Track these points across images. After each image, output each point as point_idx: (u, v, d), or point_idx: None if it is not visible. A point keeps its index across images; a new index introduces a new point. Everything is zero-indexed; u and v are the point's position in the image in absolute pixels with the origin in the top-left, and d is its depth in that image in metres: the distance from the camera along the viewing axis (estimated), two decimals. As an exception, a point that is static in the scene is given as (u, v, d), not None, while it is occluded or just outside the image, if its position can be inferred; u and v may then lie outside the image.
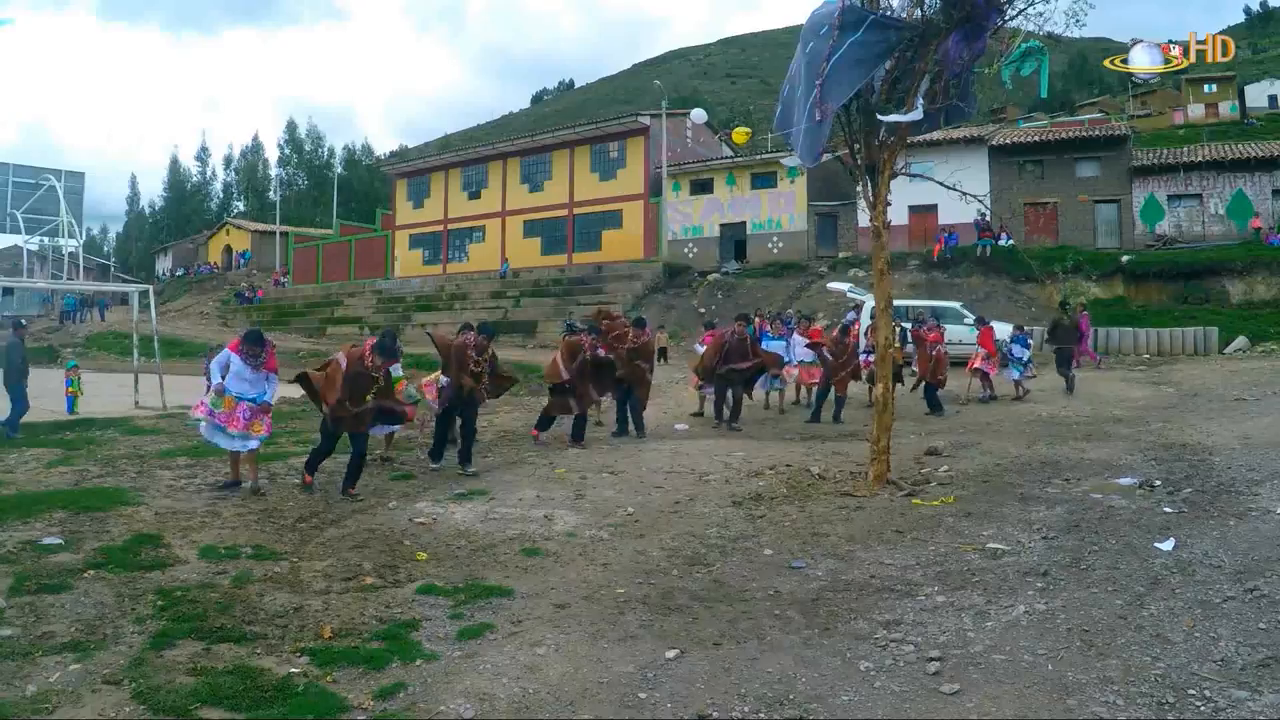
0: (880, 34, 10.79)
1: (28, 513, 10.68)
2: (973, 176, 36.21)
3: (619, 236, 55.98)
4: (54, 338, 58.72)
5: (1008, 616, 6.67)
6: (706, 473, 13.10)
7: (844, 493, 11.36)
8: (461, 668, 6.17)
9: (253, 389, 12.25)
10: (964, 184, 13.00)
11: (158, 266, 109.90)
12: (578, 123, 67.16)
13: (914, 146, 19.48)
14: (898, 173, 12.19)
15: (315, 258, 74.61)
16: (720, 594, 7.61)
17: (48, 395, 24.30)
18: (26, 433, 17.71)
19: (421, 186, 68.32)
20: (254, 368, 12.20)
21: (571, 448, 15.22)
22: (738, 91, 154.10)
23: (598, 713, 5.45)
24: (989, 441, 14.82)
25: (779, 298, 43.07)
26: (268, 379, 12.47)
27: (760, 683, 5.73)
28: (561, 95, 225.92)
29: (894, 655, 6.05)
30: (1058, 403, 20.54)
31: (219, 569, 8.63)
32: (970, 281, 40.38)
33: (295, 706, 5.56)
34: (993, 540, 8.79)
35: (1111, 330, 34.84)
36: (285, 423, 18.81)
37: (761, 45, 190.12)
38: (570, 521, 10.44)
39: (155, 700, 5.67)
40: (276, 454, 14.75)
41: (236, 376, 12.15)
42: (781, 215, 50.75)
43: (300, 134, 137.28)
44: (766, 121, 68.99)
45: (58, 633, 6.88)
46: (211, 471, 13.45)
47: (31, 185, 33.34)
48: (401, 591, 7.94)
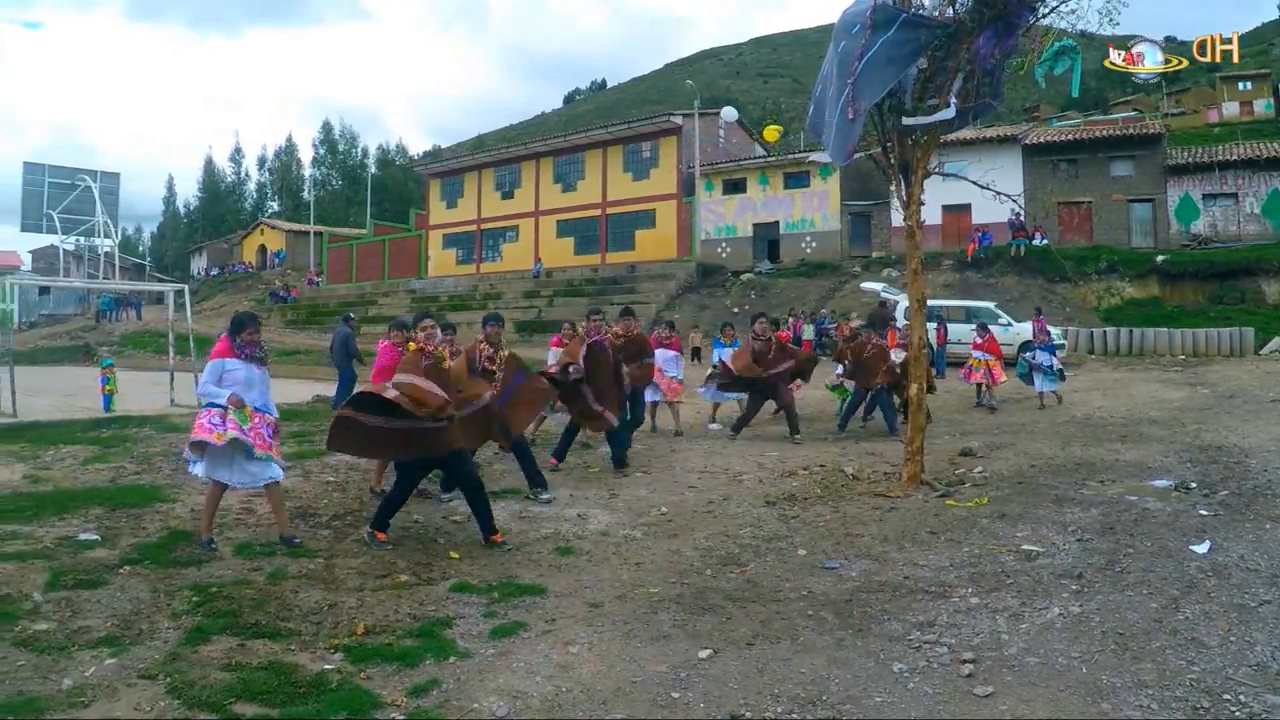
0: (912, 32, 10.75)
1: (64, 509, 10.79)
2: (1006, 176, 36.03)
3: (652, 236, 56.06)
4: (90, 336, 59.10)
5: (1042, 619, 6.64)
6: (740, 473, 13.10)
7: (878, 493, 11.33)
8: (495, 666, 6.18)
9: (260, 396, 9.48)
10: (997, 183, 12.94)
11: (193, 266, 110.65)
12: (610, 122, 67.26)
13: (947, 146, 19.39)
14: (931, 172, 12.16)
15: (349, 257, 75.00)
16: (754, 594, 7.60)
17: (84, 393, 24.54)
18: (62, 430, 17.85)
19: (455, 186, 68.57)
20: (260, 364, 9.59)
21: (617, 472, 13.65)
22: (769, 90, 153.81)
23: (630, 712, 5.45)
24: (1023, 442, 14.76)
25: (812, 298, 43.04)
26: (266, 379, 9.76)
27: (793, 683, 5.73)
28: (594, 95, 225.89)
29: (927, 657, 6.03)
30: (1093, 403, 20.42)
31: (254, 566, 8.68)
32: (1004, 282, 40.21)
33: (329, 703, 5.58)
34: (1027, 542, 8.75)
35: (1146, 331, 34.59)
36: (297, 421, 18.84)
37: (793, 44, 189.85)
38: (604, 520, 10.47)
39: (190, 695, 5.71)
40: (311, 451, 14.79)
41: (240, 387, 9.29)
42: (814, 215, 50.69)
43: (335, 134, 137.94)
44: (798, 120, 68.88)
45: (94, 628, 6.93)
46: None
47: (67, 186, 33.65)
48: (435, 589, 7.96)
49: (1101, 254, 41.16)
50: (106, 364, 23.48)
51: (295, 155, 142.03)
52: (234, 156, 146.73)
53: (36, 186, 33.26)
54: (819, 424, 18.16)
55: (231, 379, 9.27)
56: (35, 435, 17.31)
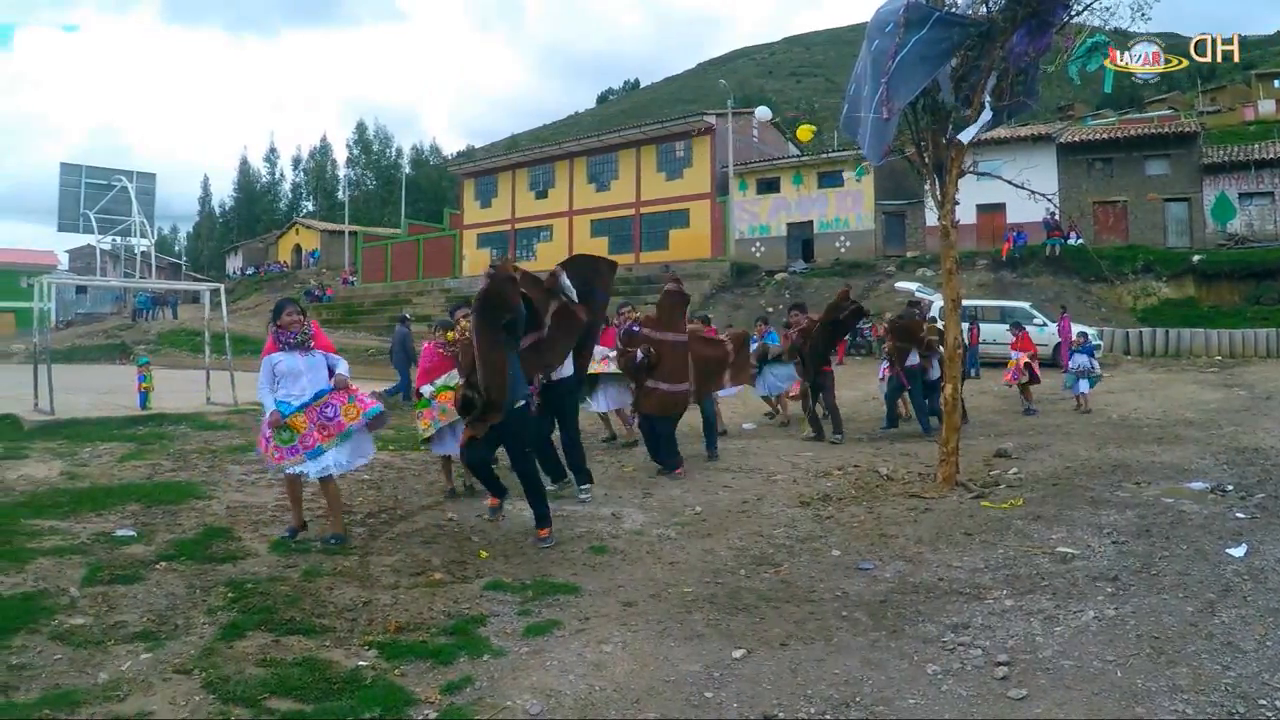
0: (945, 31, 10.71)
1: (101, 505, 10.89)
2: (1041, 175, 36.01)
3: (686, 236, 56.05)
4: (126, 335, 59.63)
5: (1077, 622, 6.60)
6: (774, 473, 13.08)
7: (912, 494, 11.30)
8: (528, 664, 6.19)
9: (312, 383, 9.17)
10: (1032, 182, 12.90)
11: (228, 265, 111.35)
12: (644, 122, 67.23)
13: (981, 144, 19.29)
14: (965, 171, 12.11)
15: (384, 257, 75.24)
16: (787, 594, 7.59)
17: (121, 391, 24.72)
18: (99, 427, 17.99)
19: (489, 186, 68.72)
20: (303, 350, 9.20)
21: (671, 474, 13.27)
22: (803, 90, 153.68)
23: (663, 711, 5.45)
24: (1059, 444, 14.70)
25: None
26: (326, 360, 9.36)
27: (827, 684, 5.72)
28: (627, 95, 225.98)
29: (961, 659, 6.01)
30: (1129, 405, 20.30)
31: (289, 562, 8.73)
32: (1039, 281, 40.04)
33: (363, 699, 5.61)
34: (1062, 544, 8.71)
35: (1182, 331, 34.41)
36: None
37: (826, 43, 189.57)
38: (638, 520, 10.45)
39: (225, 690, 5.75)
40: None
41: (289, 380, 9.14)
42: (848, 214, 50.61)
43: (369, 135, 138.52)
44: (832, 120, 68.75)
45: (130, 622, 6.99)
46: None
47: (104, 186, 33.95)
48: (469, 587, 7.98)
49: (1137, 254, 40.92)
50: (143, 362, 23.63)
51: (330, 155, 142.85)
52: (269, 157, 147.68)
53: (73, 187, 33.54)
54: (853, 425, 18.13)
55: (281, 372, 9.13)
56: (73, 432, 17.46)
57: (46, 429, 17.94)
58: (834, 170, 51.16)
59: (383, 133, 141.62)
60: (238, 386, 21.66)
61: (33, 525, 9.89)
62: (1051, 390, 22.03)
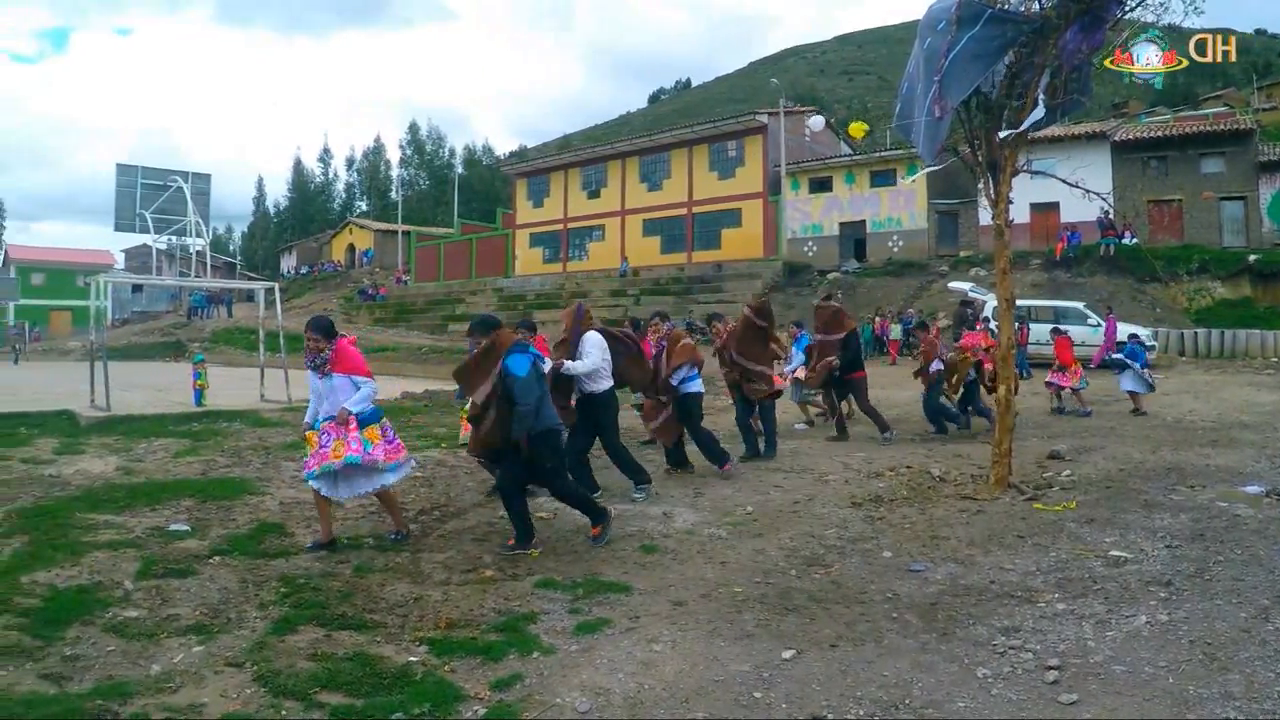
0: (998, 28, 10.64)
1: (156, 500, 11.04)
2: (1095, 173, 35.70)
3: (738, 235, 56.05)
4: (182, 333, 60.31)
5: (1129, 626, 6.54)
6: (826, 473, 13.04)
7: (965, 496, 11.22)
8: (578, 662, 6.21)
9: (330, 407, 9.02)
10: (1086, 181, 12.79)
11: (282, 265, 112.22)
12: (695, 121, 67.26)
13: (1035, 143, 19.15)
14: (1019, 170, 12.00)
15: (437, 256, 75.67)
16: (838, 595, 7.56)
17: (175, 388, 24.98)
18: (154, 424, 18.20)
19: (541, 186, 68.96)
20: (320, 373, 9.04)
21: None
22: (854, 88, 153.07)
23: (712, 711, 5.45)
24: (1112, 446, 14.56)
25: (899, 297, 42.76)
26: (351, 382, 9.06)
27: (876, 686, 5.70)
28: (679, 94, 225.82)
29: (1012, 663, 5.97)
30: (1183, 407, 20.09)
31: (341, 558, 8.81)
32: (1093, 281, 39.66)
33: (413, 694, 5.65)
34: (1115, 547, 8.63)
35: (1238, 332, 34.01)
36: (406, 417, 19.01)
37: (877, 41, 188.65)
38: (689, 519, 10.44)
39: (276, 683, 5.82)
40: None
41: (314, 397, 9.27)
42: (901, 213, 50.40)
43: (422, 135, 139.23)
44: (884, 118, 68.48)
45: (182, 615, 7.10)
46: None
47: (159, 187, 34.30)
48: (520, 585, 8.01)
49: (1192, 253, 40.44)
50: (198, 360, 23.87)
51: (383, 156, 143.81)
52: (322, 157, 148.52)
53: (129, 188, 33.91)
54: (905, 425, 18.04)
55: (310, 388, 9.28)
56: (128, 428, 17.67)
57: (103, 425, 18.17)
58: (887, 169, 51.01)
59: (435, 133, 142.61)
60: (291, 384, 21.81)
61: (88, 519, 10.04)
62: (1105, 391, 21.84)
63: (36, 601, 7.33)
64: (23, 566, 8.27)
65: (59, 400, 22.12)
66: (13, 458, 14.31)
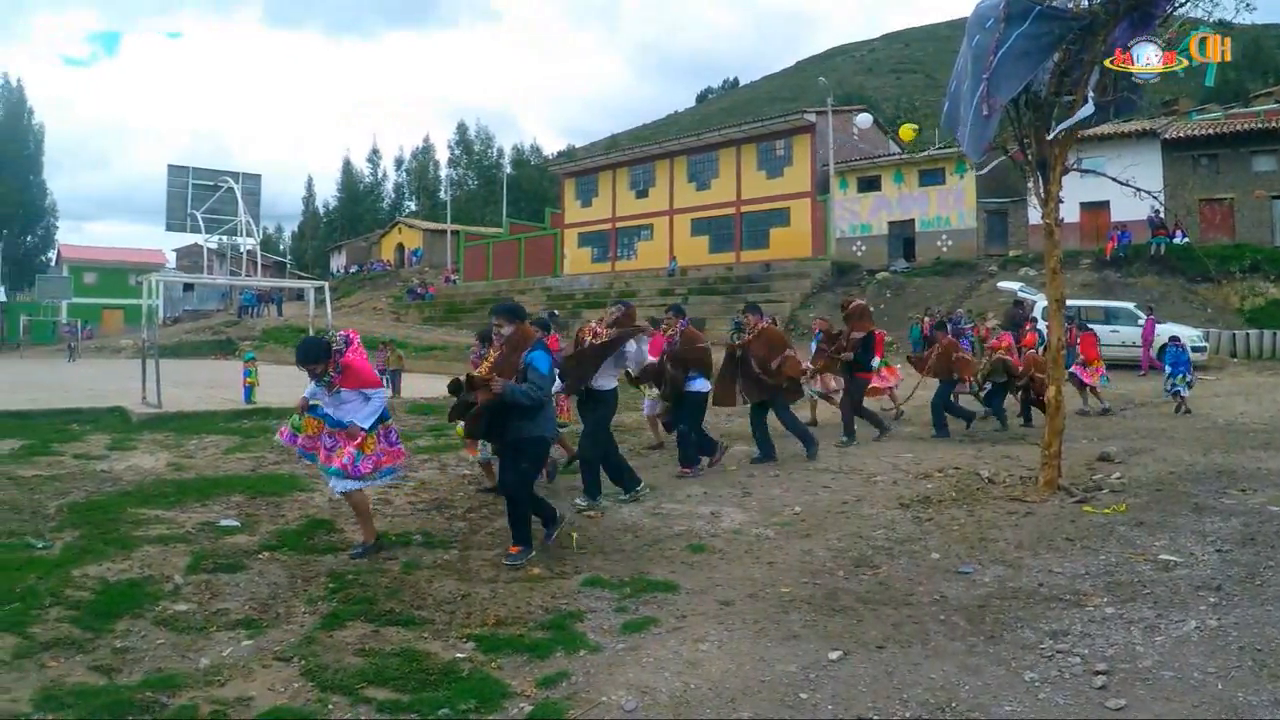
0: (1047, 25, 10.56)
1: (206, 496, 11.20)
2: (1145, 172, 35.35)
3: (786, 234, 55.92)
4: (232, 331, 60.81)
5: (1178, 632, 6.47)
6: (874, 474, 13.00)
7: (1014, 498, 11.15)
8: (624, 660, 6.24)
9: (333, 410, 8.89)
10: (1136, 179, 12.66)
11: (332, 264, 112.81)
12: (743, 120, 67.19)
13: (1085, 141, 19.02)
14: (1069, 168, 11.90)
15: (485, 255, 75.93)
16: (885, 597, 7.54)
17: (226, 386, 25.19)
18: (205, 420, 18.39)
19: (590, 186, 69.06)
20: (329, 390, 8.83)
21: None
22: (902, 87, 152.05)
23: (758, 711, 5.45)
24: (1163, 448, 14.42)
25: (948, 297, 42.51)
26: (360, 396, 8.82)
27: (923, 688, 5.67)
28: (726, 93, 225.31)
29: (1060, 667, 5.92)
30: (1235, 409, 19.89)
31: (389, 555, 8.91)
32: (1144, 281, 39.25)
33: (459, 690, 5.69)
34: (1165, 551, 8.54)
35: (1292, 333, 33.62)
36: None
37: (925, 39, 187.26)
38: (737, 519, 10.44)
39: (323, 678, 5.89)
40: (448, 445, 15.04)
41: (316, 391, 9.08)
42: (950, 213, 50.11)
43: (470, 135, 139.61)
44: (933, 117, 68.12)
45: (232, 610, 7.21)
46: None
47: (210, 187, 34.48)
48: (567, 583, 8.05)
49: (1244, 252, 39.86)
50: (249, 358, 24.07)
51: (432, 156, 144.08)
52: (371, 158, 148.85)
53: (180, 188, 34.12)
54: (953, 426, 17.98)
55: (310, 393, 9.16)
56: (179, 425, 17.90)
57: (154, 421, 18.39)
58: (935, 168, 50.75)
59: (484, 133, 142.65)
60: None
61: (139, 514, 10.20)
62: (1155, 392, 21.66)
63: (87, 595, 7.45)
64: (74, 560, 8.40)
65: (111, 397, 22.39)
66: (65, 453, 14.52)
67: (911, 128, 52.29)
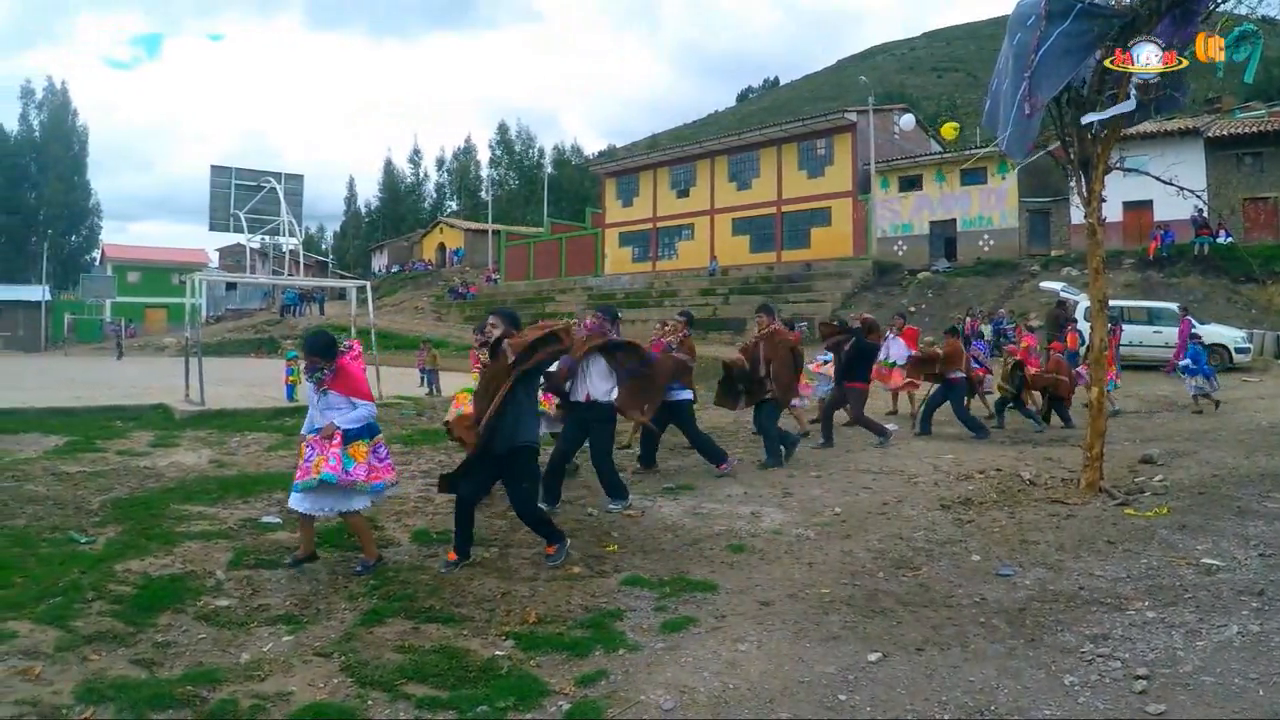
0: (1088, 23, 10.48)
1: (248, 492, 11.31)
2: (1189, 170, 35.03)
3: (828, 234, 55.82)
4: (274, 330, 61.24)
5: (1220, 636, 6.41)
6: (915, 475, 12.96)
7: (1055, 500, 11.07)
8: (663, 660, 6.24)
9: (319, 415, 8.49)
10: (1179, 178, 12.59)
11: (373, 263, 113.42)
12: (784, 120, 67.02)
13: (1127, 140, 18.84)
14: (1112, 167, 11.81)
15: (527, 255, 76.17)
16: (925, 598, 7.51)
17: (269, 384, 25.35)
18: (247, 418, 18.53)
19: (630, 185, 69.12)
20: (317, 388, 8.49)
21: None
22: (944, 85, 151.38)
23: (796, 712, 5.44)
24: (1205, 451, 14.29)
25: (990, 297, 42.31)
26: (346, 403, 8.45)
27: (961, 691, 5.65)
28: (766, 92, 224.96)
29: (1100, 671, 5.88)
30: (1278, 411, 19.70)
31: (430, 552, 8.96)
32: (1187, 281, 38.84)
33: (498, 688, 5.72)
34: (1207, 555, 8.46)
35: (1337, 334, 33.23)
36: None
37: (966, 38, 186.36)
38: (777, 519, 10.42)
39: (363, 674, 5.93)
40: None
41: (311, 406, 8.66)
42: (992, 212, 49.89)
43: (511, 135, 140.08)
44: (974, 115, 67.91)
45: (272, 606, 7.26)
46: (424, 459, 13.96)
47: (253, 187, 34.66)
48: (607, 582, 8.07)
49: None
50: (290, 356, 24.23)
51: (473, 156, 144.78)
52: (413, 158, 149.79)
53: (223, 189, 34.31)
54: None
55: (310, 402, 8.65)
56: (222, 422, 18.04)
57: (197, 419, 18.56)
58: (977, 167, 50.40)
59: (525, 133, 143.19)
60: (383, 381, 22.03)
61: (182, 510, 10.30)
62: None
63: (130, 589, 7.52)
64: (117, 555, 8.49)
65: (154, 394, 22.58)
66: (109, 450, 14.66)
67: (953, 125, 51.90)
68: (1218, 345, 29.78)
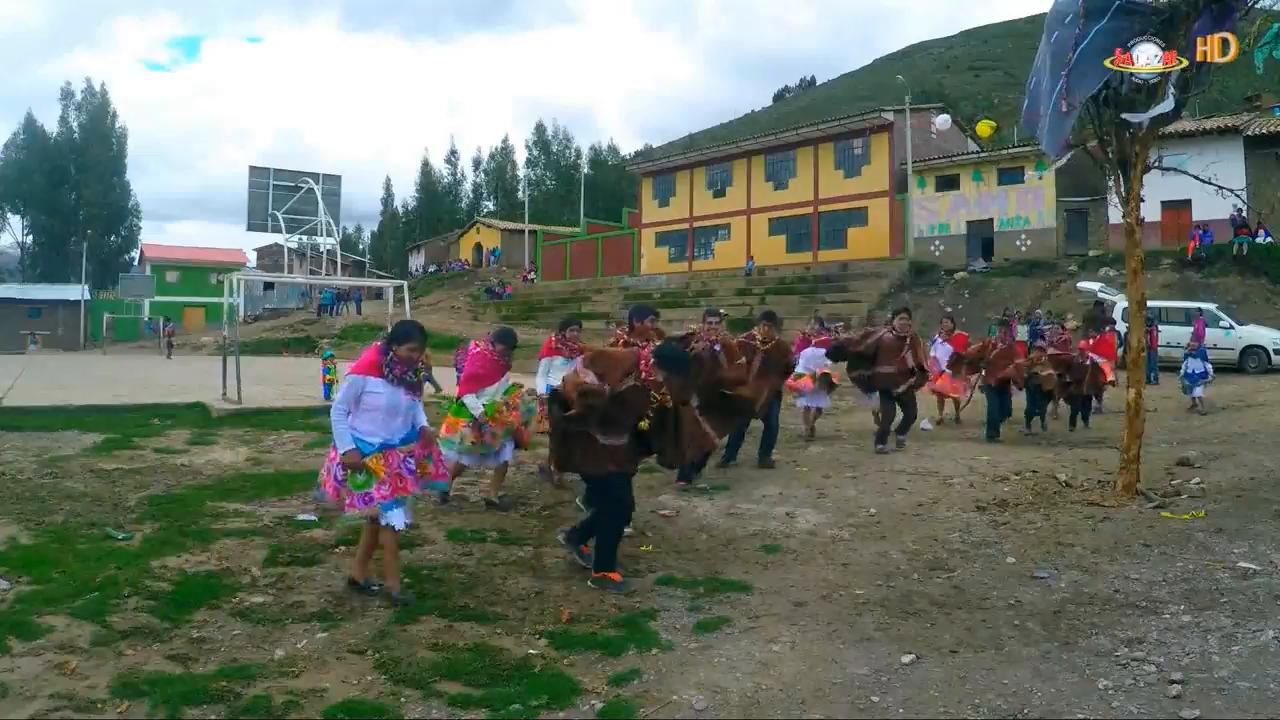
0: (1126, 20, 10.40)
1: (285, 490, 11.39)
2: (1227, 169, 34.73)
3: (864, 234, 55.65)
4: (312, 329, 61.58)
5: (1255, 641, 6.35)
6: (950, 476, 12.90)
7: (1091, 502, 11.00)
8: (696, 659, 6.26)
9: (404, 427, 7.53)
10: (1218, 177, 12.49)
11: (410, 263, 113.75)
12: (820, 120, 66.78)
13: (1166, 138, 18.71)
14: (1150, 166, 11.72)
15: (563, 255, 76.27)
16: (960, 601, 7.49)
17: (306, 382, 25.50)
18: (283, 416, 18.65)
19: (667, 185, 69.11)
20: (411, 389, 7.55)
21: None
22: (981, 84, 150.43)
23: (829, 713, 5.44)
24: (1243, 453, 14.16)
25: (1027, 297, 42.09)
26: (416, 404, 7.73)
27: (995, 694, 5.63)
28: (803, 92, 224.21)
29: (1134, 675, 5.84)
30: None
31: (465, 551, 8.98)
32: (1226, 282, 38.47)
33: (531, 686, 5.75)
34: (1244, 559, 8.38)
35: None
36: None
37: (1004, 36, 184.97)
38: (811, 520, 10.41)
39: (396, 671, 5.96)
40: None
41: (382, 416, 7.40)
42: (1029, 212, 49.56)
43: (548, 135, 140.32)
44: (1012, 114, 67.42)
45: (307, 603, 7.31)
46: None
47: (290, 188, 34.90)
48: (641, 581, 8.08)
49: (1330, 253, 39.10)
50: (327, 355, 24.38)
51: (510, 156, 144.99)
52: (450, 158, 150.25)
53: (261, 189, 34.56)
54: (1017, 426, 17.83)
55: (371, 404, 7.37)
56: (259, 421, 18.16)
57: (234, 417, 18.67)
58: (1015, 167, 50.18)
59: (561, 133, 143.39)
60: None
61: (218, 508, 10.38)
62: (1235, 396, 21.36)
63: (166, 585, 7.58)
64: (154, 552, 8.56)
65: (191, 393, 22.74)
66: (146, 447, 14.78)
67: (989, 123, 51.64)
68: (1256, 346, 29.56)
